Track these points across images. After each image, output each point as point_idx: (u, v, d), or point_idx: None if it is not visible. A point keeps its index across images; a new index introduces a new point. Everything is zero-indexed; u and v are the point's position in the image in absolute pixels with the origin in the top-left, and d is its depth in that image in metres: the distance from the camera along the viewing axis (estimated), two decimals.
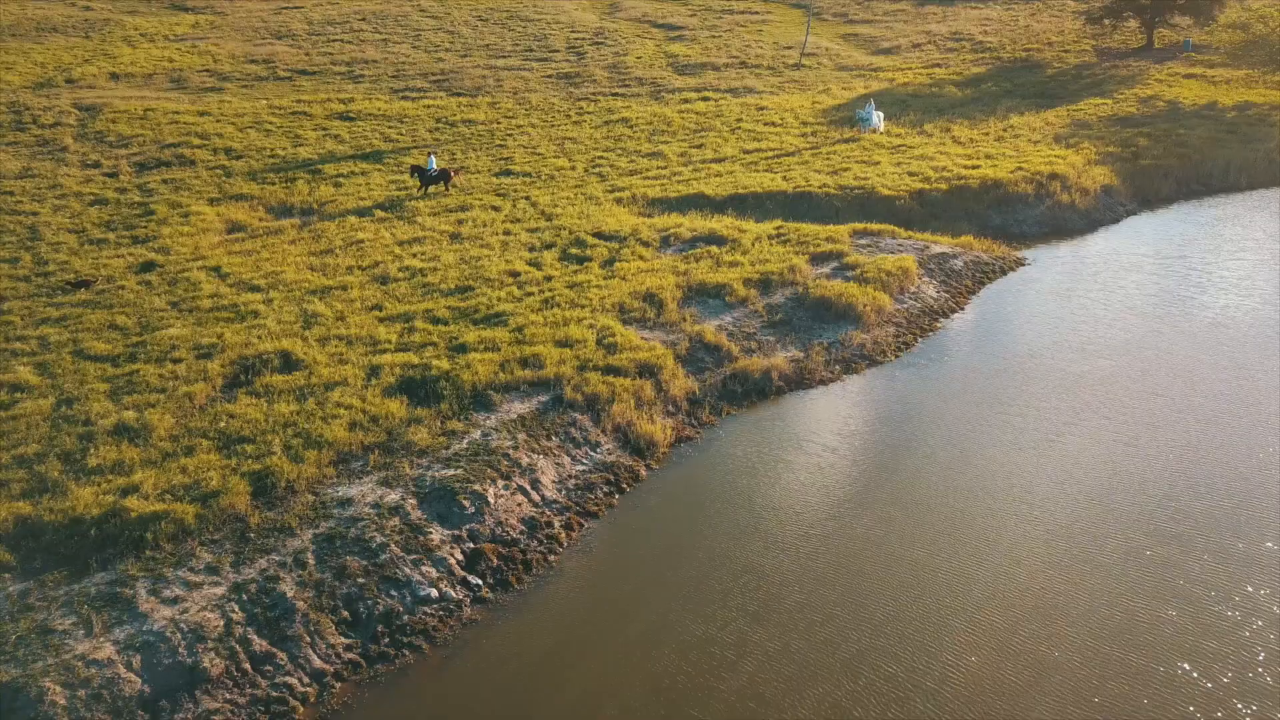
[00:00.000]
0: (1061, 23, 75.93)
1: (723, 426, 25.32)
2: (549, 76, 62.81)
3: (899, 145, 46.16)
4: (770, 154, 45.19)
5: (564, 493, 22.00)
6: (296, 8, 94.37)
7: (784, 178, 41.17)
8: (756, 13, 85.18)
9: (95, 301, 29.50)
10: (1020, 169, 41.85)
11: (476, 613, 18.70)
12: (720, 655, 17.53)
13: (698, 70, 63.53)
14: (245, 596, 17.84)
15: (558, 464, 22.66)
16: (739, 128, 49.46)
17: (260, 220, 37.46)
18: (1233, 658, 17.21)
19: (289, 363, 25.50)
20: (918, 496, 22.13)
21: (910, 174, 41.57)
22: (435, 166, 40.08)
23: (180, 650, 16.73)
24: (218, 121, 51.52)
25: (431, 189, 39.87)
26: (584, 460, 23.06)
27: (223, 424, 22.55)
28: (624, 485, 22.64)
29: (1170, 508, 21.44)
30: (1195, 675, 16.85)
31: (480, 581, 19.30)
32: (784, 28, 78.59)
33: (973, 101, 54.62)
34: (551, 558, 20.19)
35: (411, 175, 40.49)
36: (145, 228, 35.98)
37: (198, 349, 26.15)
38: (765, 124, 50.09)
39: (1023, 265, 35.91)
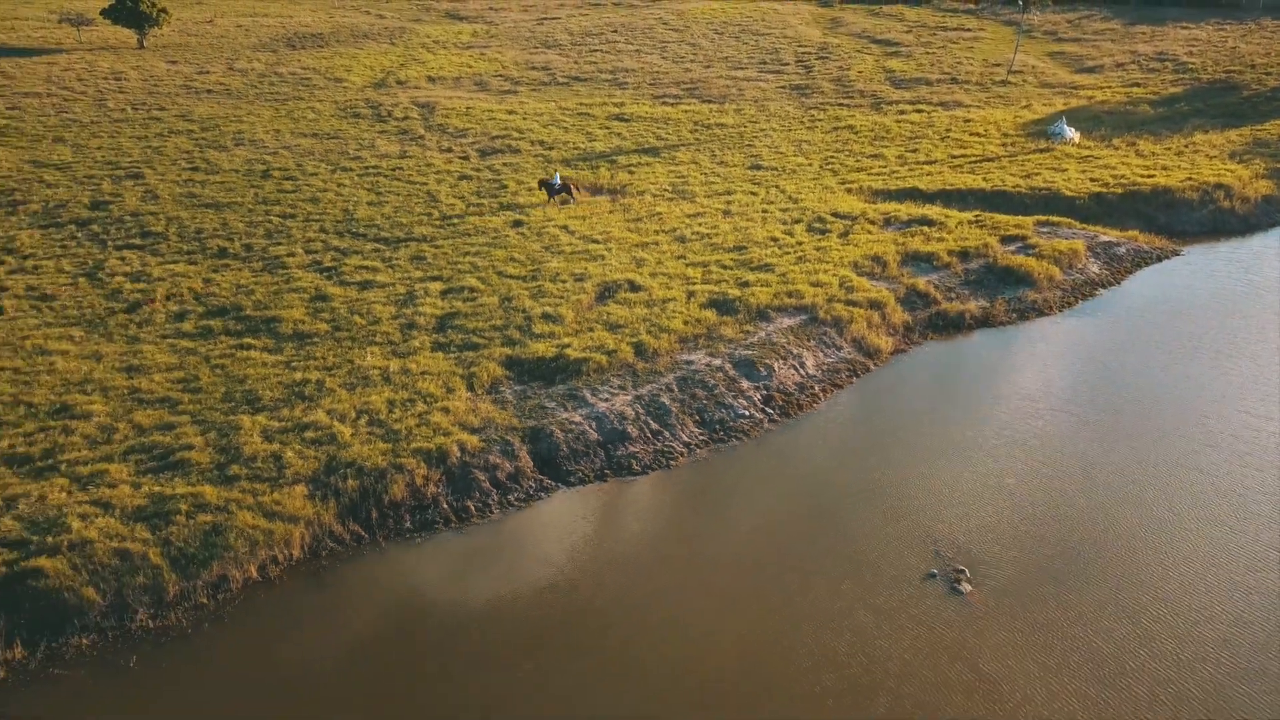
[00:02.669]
0: (1272, 44, 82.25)
1: (927, 346, 37.84)
2: (782, 87, 76.11)
3: (1086, 156, 56.60)
4: (973, 159, 56.72)
5: (820, 371, 35.25)
6: (554, 18, 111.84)
7: (984, 179, 52.74)
8: (969, 29, 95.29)
9: (493, 243, 45.09)
10: (1190, 179, 51.65)
11: (771, 427, 32.21)
12: (925, 456, 30.25)
13: (912, 85, 75.16)
14: (642, 402, 32.08)
15: (815, 355, 35.92)
16: (948, 136, 61.09)
17: (581, 196, 52.56)
18: None
19: (634, 287, 39.91)
20: (1067, 380, 33.94)
21: (1092, 179, 52.21)
22: (560, 180, 51.32)
23: (614, 422, 31.09)
24: (524, 119, 67.79)
25: (556, 198, 50.50)
26: (832, 356, 36.21)
27: (605, 318, 37.11)
28: (859, 373, 35.65)
29: (1241, 392, 32.35)
30: None
31: (772, 411, 32.83)
32: (994, 45, 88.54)
33: (1162, 120, 63.80)
34: (815, 405, 33.49)
35: (540, 188, 51.20)
36: (503, 197, 51.78)
37: (573, 275, 41.00)
38: (970, 134, 61.46)
39: (1178, 255, 46.22)
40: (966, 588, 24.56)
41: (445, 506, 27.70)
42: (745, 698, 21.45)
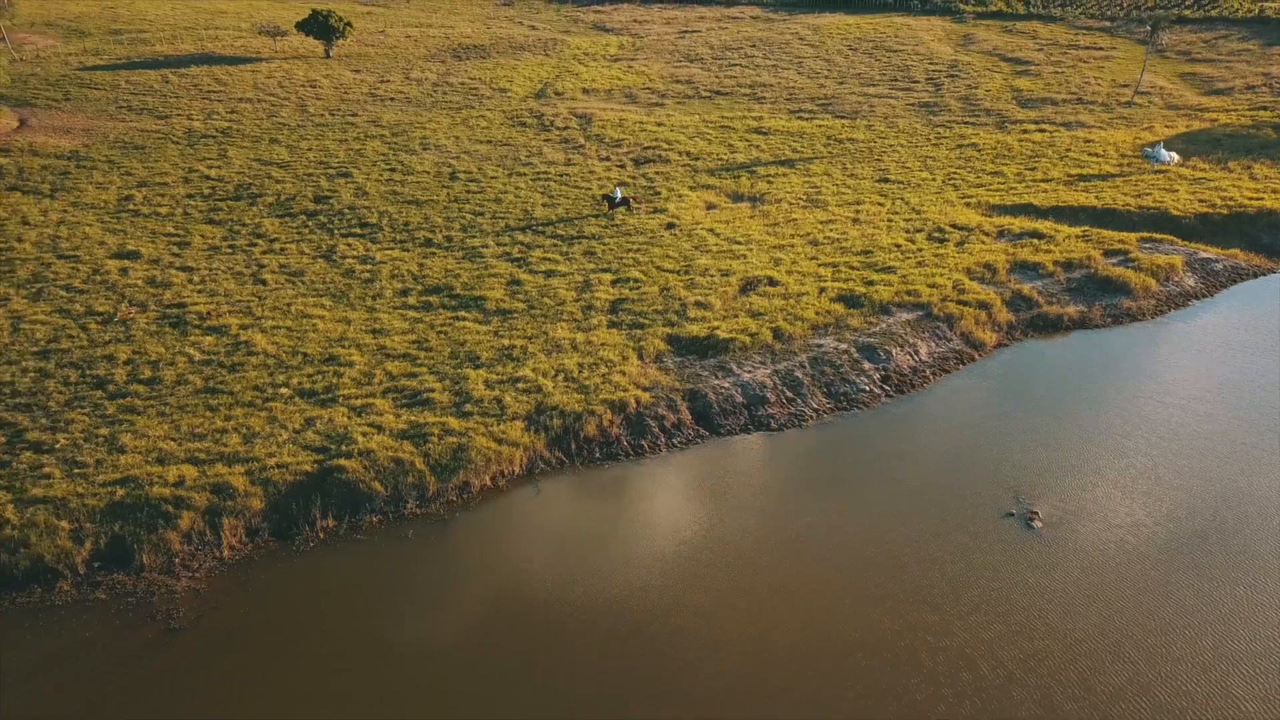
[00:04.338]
0: None
1: (1028, 342, 44.55)
2: (911, 105, 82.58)
3: (1199, 178, 61.61)
4: (1089, 178, 62.41)
5: (931, 359, 42.47)
6: (695, 32, 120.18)
7: (1095, 197, 58.56)
8: (1101, 49, 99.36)
9: (650, 242, 53.63)
10: None
11: (887, 400, 39.68)
12: (1018, 428, 37.23)
13: (1038, 104, 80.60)
14: (779, 374, 39.99)
15: (928, 345, 43.14)
16: (1066, 156, 66.79)
17: (724, 203, 60.73)
18: None
19: (772, 282, 47.80)
20: (1151, 372, 40.29)
21: (1200, 200, 57.43)
22: (620, 195, 58.07)
23: (755, 389, 39.12)
24: (671, 131, 76.33)
25: (618, 212, 57.19)
26: (942, 346, 43.36)
27: (747, 307, 45.13)
28: (965, 361, 42.71)
29: None
30: None
31: (889, 388, 40.29)
32: (1124, 64, 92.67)
33: None
34: (925, 385, 40.78)
35: (602, 201, 58.54)
36: (657, 202, 60.33)
37: (720, 271, 49.16)
38: (1089, 154, 66.99)
39: (1275, 272, 51.31)
40: (1038, 524, 31.66)
41: (625, 444, 36.25)
42: (870, 585, 29.17)
